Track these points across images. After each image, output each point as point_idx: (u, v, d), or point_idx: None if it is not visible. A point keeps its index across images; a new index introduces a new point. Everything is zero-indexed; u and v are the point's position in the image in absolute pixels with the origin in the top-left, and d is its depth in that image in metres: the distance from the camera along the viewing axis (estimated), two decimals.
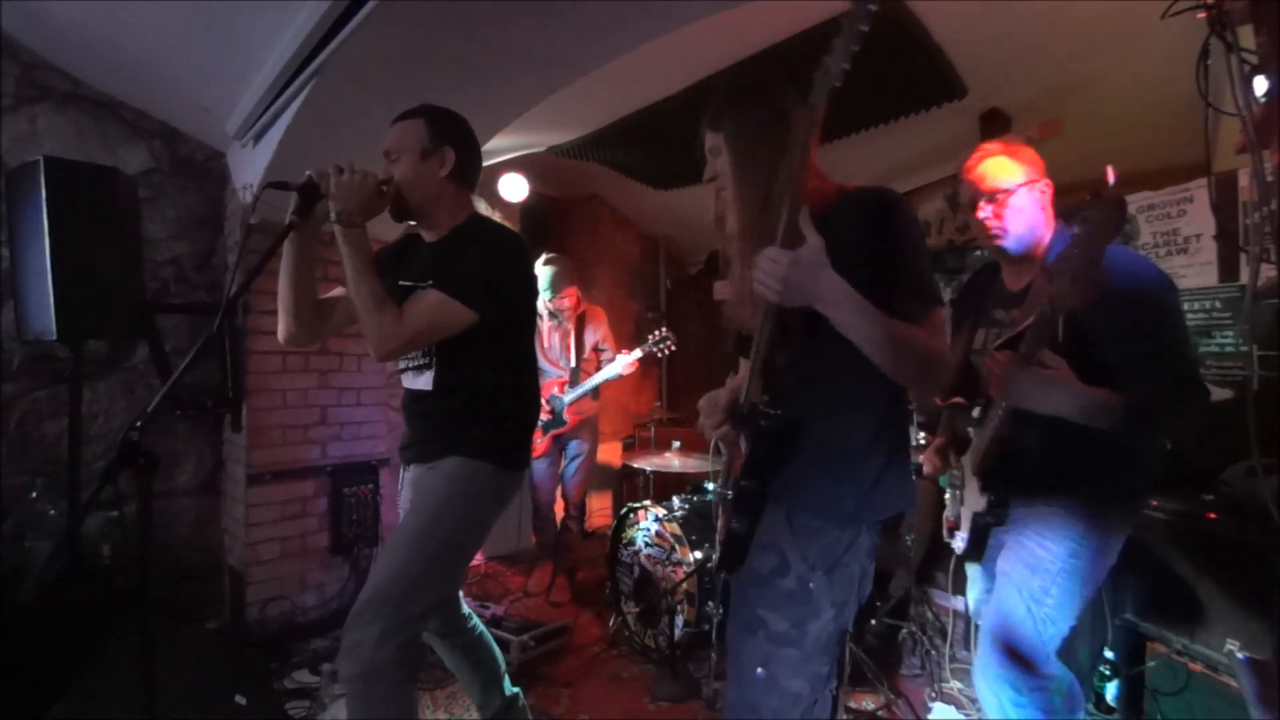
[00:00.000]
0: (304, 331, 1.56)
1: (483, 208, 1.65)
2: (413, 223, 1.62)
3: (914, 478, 1.17)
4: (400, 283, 1.56)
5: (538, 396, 1.76)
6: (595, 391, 3.27)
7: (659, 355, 3.19)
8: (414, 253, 1.65)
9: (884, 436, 1.13)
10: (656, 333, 3.18)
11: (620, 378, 3.23)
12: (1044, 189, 1.46)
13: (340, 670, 1.39)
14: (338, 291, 1.63)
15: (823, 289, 0.98)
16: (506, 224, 1.64)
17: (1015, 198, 1.44)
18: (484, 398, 1.55)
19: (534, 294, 1.69)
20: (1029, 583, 1.41)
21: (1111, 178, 1.22)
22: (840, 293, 0.98)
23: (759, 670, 1.10)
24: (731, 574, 1.20)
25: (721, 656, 2.23)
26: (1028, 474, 1.44)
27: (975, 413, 1.55)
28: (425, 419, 1.59)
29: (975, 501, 1.54)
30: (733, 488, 1.17)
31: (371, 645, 1.35)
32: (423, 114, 1.54)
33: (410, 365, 1.59)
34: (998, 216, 1.45)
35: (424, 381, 1.56)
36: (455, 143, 1.54)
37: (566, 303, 3.25)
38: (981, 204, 1.47)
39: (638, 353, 3.16)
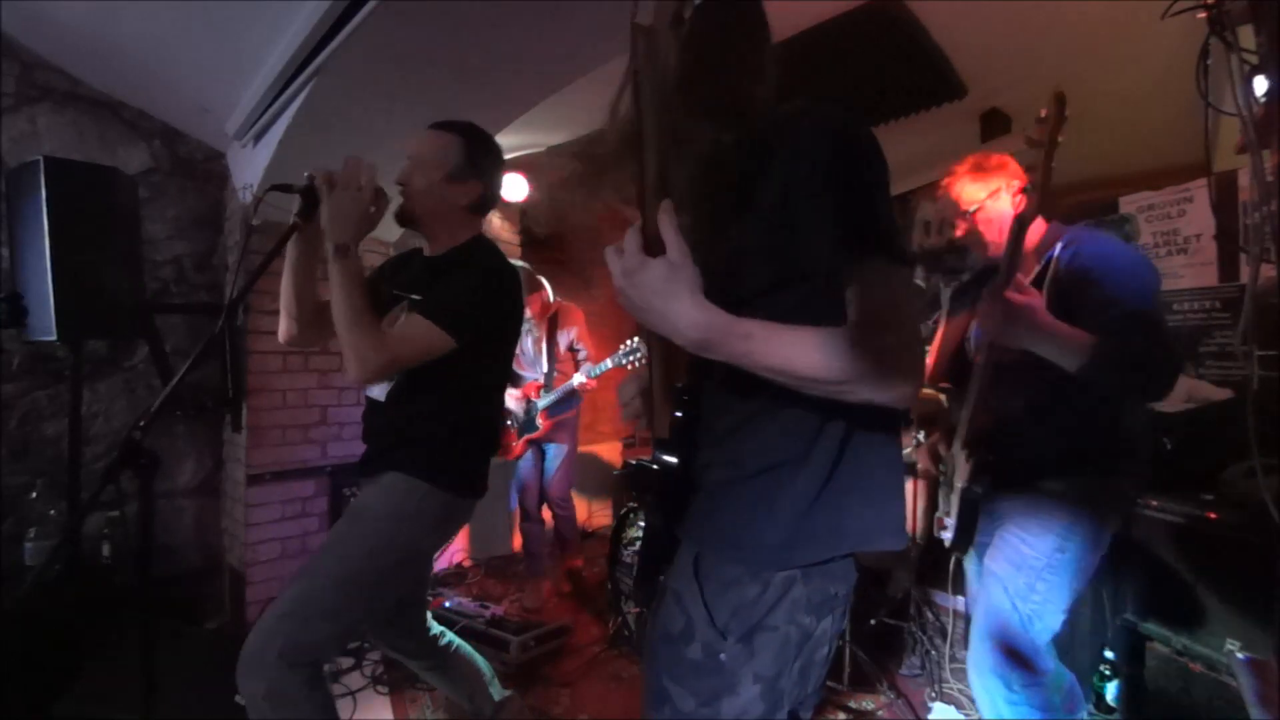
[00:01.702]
0: (304, 333, 1.53)
1: None
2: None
3: (895, 499, 0.86)
4: (394, 291, 1.55)
5: (498, 427, 1.68)
6: (572, 395, 3.16)
7: (630, 368, 2.90)
8: (412, 263, 1.63)
9: (825, 441, 0.81)
10: (628, 343, 2.83)
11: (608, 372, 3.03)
12: (1014, 193, 1.50)
13: (240, 681, 1.28)
14: None
15: (673, 320, 0.71)
16: (503, 241, 1.62)
17: (982, 213, 1.51)
18: (436, 414, 1.46)
19: (517, 325, 1.62)
20: (1014, 580, 1.43)
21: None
22: (701, 328, 0.71)
23: None
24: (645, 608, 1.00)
25: None
26: (1014, 460, 1.45)
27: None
28: (375, 431, 1.53)
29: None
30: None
31: (270, 664, 1.26)
32: (463, 133, 1.49)
33: None
34: (970, 233, 1.54)
35: (379, 391, 1.50)
36: (485, 177, 1.51)
37: (529, 310, 3.15)
38: (958, 222, 1.55)
39: (607, 363, 2.93)
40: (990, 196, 1.50)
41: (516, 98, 2.35)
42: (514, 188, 3.74)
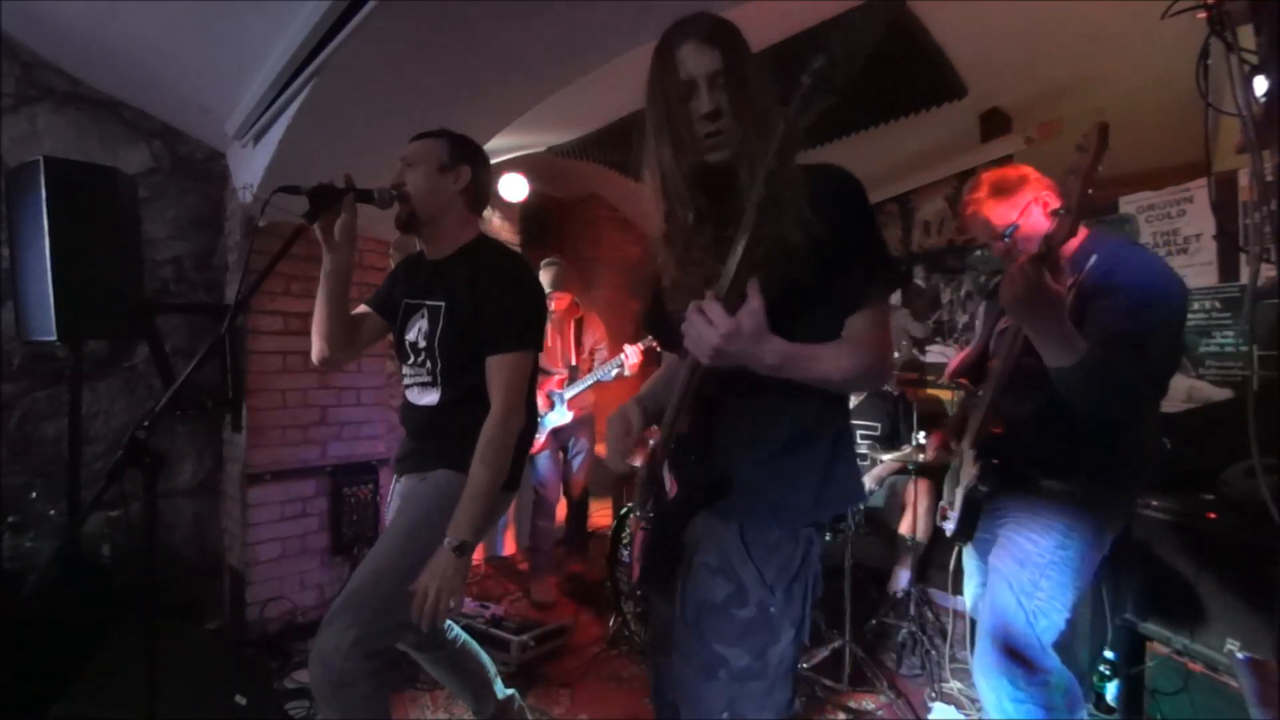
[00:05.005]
0: (336, 354, 1.57)
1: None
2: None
3: (857, 463, 1.10)
4: (406, 300, 1.59)
5: (535, 421, 1.73)
6: (592, 390, 3.32)
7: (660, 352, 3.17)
8: (419, 269, 1.64)
9: (828, 418, 1.04)
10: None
11: (621, 378, 3.22)
12: (1045, 199, 1.49)
13: (311, 675, 1.35)
14: (363, 309, 1.66)
15: (759, 357, 0.88)
16: (504, 240, 1.65)
17: (1020, 232, 1.50)
18: (483, 415, 1.48)
19: (546, 315, 1.67)
20: (1018, 577, 1.43)
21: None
22: (780, 358, 0.89)
23: (724, 715, 0.98)
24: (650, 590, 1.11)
25: None
26: (1020, 460, 1.46)
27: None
28: (426, 430, 1.58)
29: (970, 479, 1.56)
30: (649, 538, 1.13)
31: (343, 654, 1.31)
32: (444, 135, 1.58)
33: (416, 382, 1.58)
34: (1011, 252, 1.53)
35: (430, 398, 1.55)
36: (472, 163, 1.58)
37: (554, 305, 3.30)
38: (995, 244, 1.56)
39: (640, 346, 3.14)
40: (1022, 215, 1.50)
41: (516, 98, 2.35)
42: (514, 188, 3.75)
